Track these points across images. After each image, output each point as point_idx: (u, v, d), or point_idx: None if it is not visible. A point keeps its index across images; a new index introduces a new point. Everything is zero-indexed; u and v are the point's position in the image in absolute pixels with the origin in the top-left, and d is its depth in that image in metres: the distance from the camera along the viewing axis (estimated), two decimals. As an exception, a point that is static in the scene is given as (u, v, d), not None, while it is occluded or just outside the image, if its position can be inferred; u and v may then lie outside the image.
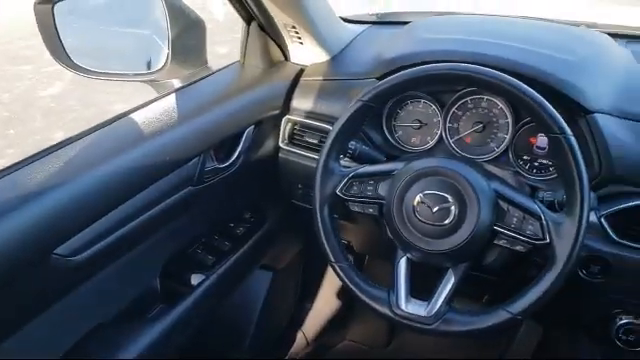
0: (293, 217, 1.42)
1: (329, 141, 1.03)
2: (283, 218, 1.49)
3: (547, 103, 0.90)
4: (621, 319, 1.10)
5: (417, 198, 0.96)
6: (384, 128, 1.26)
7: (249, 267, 1.43)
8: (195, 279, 1.24)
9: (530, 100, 0.90)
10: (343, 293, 1.88)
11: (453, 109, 1.20)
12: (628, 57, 1.22)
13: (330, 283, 1.87)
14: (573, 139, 0.89)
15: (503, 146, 1.17)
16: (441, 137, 1.22)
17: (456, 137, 1.21)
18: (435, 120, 1.23)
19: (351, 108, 1.01)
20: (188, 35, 1.26)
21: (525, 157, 1.16)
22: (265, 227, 1.42)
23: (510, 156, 1.17)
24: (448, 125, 1.21)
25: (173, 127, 1.07)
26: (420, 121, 1.24)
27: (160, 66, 1.23)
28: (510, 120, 1.16)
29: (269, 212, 1.45)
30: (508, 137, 1.16)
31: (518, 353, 1.80)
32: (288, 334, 1.84)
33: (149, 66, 1.26)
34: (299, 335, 1.88)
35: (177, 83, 1.26)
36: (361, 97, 1.01)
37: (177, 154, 1.06)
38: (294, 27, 1.28)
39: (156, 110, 1.09)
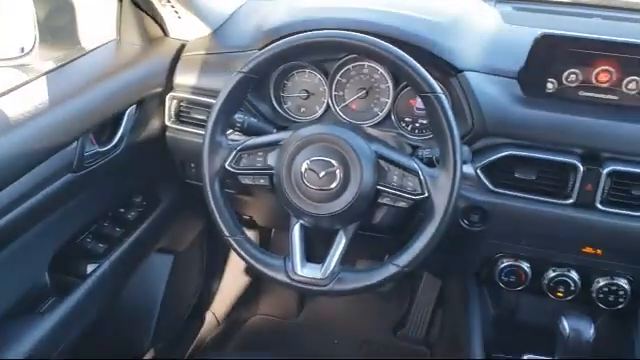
0: (189, 197, 1.39)
1: (213, 115, 1.02)
2: (178, 199, 1.46)
3: (417, 64, 0.94)
4: (502, 262, 1.19)
5: (304, 165, 0.97)
6: (272, 99, 1.27)
7: (145, 252, 1.40)
8: (90, 269, 1.20)
9: (400, 62, 0.94)
10: (249, 268, 1.89)
11: (337, 77, 1.23)
12: (496, 16, 1.29)
13: (235, 260, 1.87)
14: (443, 97, 0.93)
15: (386, 110, 1.22)
16: (328, 105, 1.25)
17: (342, 104, 1.24)
18: (321, 89, 1.25)
19: (232, 80, 1.01)
20: (56, 15, 1.19)
21: (407, 119, 1.21)
22: (159, 210, 1.38)
23: (393, 119, 1.22)
24: (334, 93, 1.24)
25: (45, 111, 1.01)
26: (307, 91, 1.26)
27: (28, 49, 1.15)
28: (390, 84, 1.21)
29: (163, 194, 1.42)
30: (390, 101, 1.21)
31: (421, 306, 1.90)
32: (196, 315, 1.82)
33: (17, 50, 1.17)
34: (208, 315, 1.88)
35: (50, 66, 1.19)
36: (241, 69, 1.00)
37: (51, 140, 1.01)
38: (169, 1, 1.24)
39: (26, 94, 1.02)
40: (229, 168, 1.03)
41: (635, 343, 1.18)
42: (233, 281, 1.95)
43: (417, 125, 1.21)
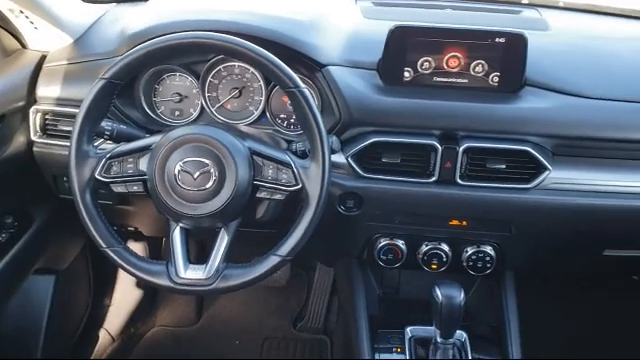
0: (66, 213, 1.34)
1: (77, 124, 0.99)
2: (54, 216, 1.40)
3: (279, 61, 0.97)
4: (380, 242, 1.26)
5: (177, 167, 0.97)
6: (144, 105, 1.25)
7: (21, 275, 1.33)
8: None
9: (263, 60, 0.97)
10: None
11: (209, 79, 1.24)
12: (356, 12, 1.36)
13: (126, 274, 1.82)
14: (306, 92, 0.98)
15: (261, 108, 1.25)
16: (203, 107, 1.25)
17: (217, 105, 1.25)
18: (194, 91, 1.26)
19: (94, 87, 0.98)
20: None
21: (282, 115, 1.25)
22: (33, 229, 1.32)
23: (268, 116, 1.25)
24: (207, 95, 1.25)
25: None
26: (180, 94, 1.26)
27: None
28: (262, 83, 1.24)
29: (36, 212, 1.35)
30: (263, 99, 1.24)
31: (318, 297, 1.96)
32: (88, 335, 1.75)
33: None
34: (102, 333, 1.81)
35: None
36: (103, 75, 0.98)
37: None
38: (22, 12, 1.18)
39: None
40: (99, 177, 1.00)
41: (503, 301, 1.30)
42: (126, 295, 1.89)
43: (292, 120, 1.25)
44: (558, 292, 1.84)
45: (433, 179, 1.14)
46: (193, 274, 0.99)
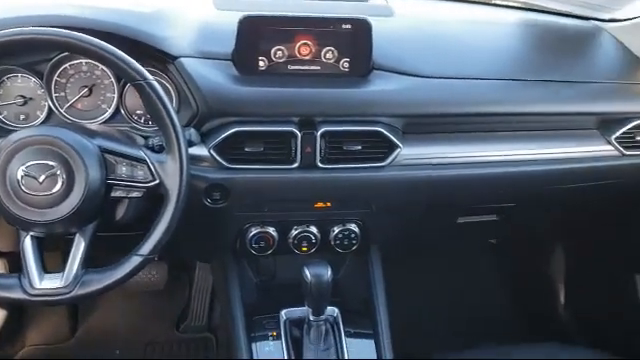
0: None
1: None
2: None
3: (122, 54, 0.95)
4: (251, 231, 1.27)
5: (20, 171, 0.92)
6: None
7: None
8: None
9: (105, 53, 0.94)
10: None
11: (55, 78, 1.17)
12: (207, 4, 1.34)
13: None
14: (154, 83, 0.96)
15: (114, 105, 1.20)
16: (50, 109, 1.19)
17: (66, 106, 1.19)
18: (39, 92, 1.18)
19: None
20: None
21: (138, 111, 1.22)
22: None
23: (123, 113, 1.21)
24: (55, 95, 1.18)
25: None
26: (24, 96, 1.18)
27: None
28: (113, 79, 1.19)
29: None
30: (116, 96, 1.20)
31: (200, 295, 1.94)
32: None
33: None
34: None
35: None
36: None
37: None
38: None
39: None
40: None
41: (370, 275, 1.37)
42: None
43: (149, 116, 1.22)
44: (423, 261, 1.97)
45: (296, 165, 1.17)
46: (49, 284, 0.94)
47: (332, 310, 1.28)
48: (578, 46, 1.47)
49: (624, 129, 1.31)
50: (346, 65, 1.19)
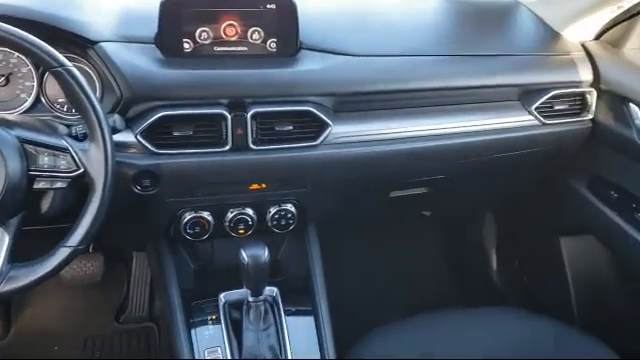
0: None
1: None
2: None
3: (36, 39, 0.91)
4: (185, 217, 1.26)
5: None
6: None
7: None
8: None
9: (18, 39, 0.90)
10: None
11: None
12: None
13: None
14: (73, 70, 0.93)
15: (34, 94, 1.16)
16: None
17: None
18: None
19: None
20: None
21: (60, 99, 1.17)
22: None
23: (44, 102, 1.17)
24: None
25: None
26: None
27: None
28: (32, 67, 1.14)
29: None
30: (35, 84, 1.15)
31: (139, 285, 1.91)
32: None
33: None
34: None
35: None
36: None
37: None
38: None
39: None
40: None
41: (308, 253, 1.39)
42: None
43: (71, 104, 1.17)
44: (360, 236, 2.01)
45: (227, 147, 1.16)
46: None
47: (271, 290, 1.29)
48: (500, 21, 1.53)
49: (543, 99, 1.37)
50: (273, 45, 1.19)
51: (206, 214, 1.27)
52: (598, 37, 1.49)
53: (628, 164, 1.40)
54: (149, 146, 1.12)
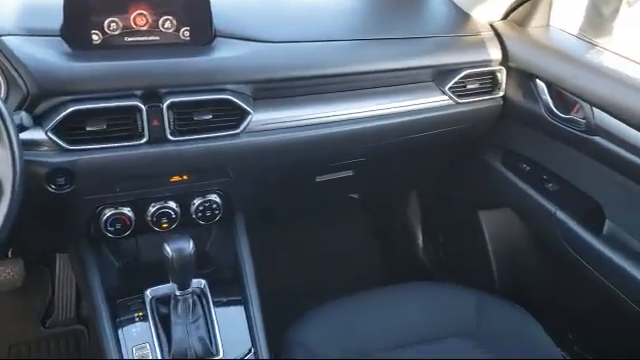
0: None
1: None
2: None
3: None
4: (105, 214, 1.22)
5: None
6: None
7: None
8: None
9: None
10: None
11: None
12: None
13: None
14: None
15: None
16: None
17: None
18: None
19: None
20: None
21: None
22: None
23: None
24: None
25: None
26: None
27: None
28: None
29: None
30: None
31: (64, 287, 1.84)
32: None
33: None
34: None
35: None
36: None
37: None
38: None
39: None
40: None
41: (236, 243, 1.38)
42: None
43: None
44: (290, 223, 2.02)
45: (144, 140, 1.13)
46: None
47: (199, 282, 1.28)
48: (413, 5, 1.56)
49: (456, 79, 1.42)
50: (187, 34, 1.17)
51: (127, 210, 1.23)
52: (505, 17, 1.55)
53: (537, 137, 1.48)
54: (61, 143, 1.08)
